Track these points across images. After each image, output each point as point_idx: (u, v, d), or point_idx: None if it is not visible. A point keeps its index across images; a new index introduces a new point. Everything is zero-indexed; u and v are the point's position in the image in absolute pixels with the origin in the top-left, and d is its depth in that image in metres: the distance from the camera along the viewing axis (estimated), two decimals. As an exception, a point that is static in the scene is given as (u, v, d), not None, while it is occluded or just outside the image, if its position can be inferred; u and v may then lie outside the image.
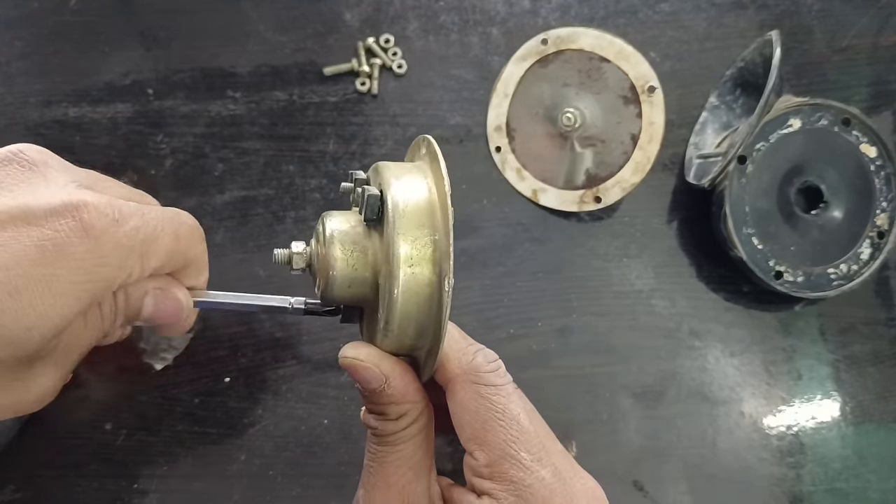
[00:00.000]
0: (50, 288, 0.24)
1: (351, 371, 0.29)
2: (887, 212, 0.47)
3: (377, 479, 0.29)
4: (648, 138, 0.46)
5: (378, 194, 0.28)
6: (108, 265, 0.26)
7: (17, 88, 0.52)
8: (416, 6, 0.53)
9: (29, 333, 0.24)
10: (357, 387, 0.30)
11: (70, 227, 0.25)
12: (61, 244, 0.25)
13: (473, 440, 0.28)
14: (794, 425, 0.48)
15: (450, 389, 0.29)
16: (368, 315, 0.32)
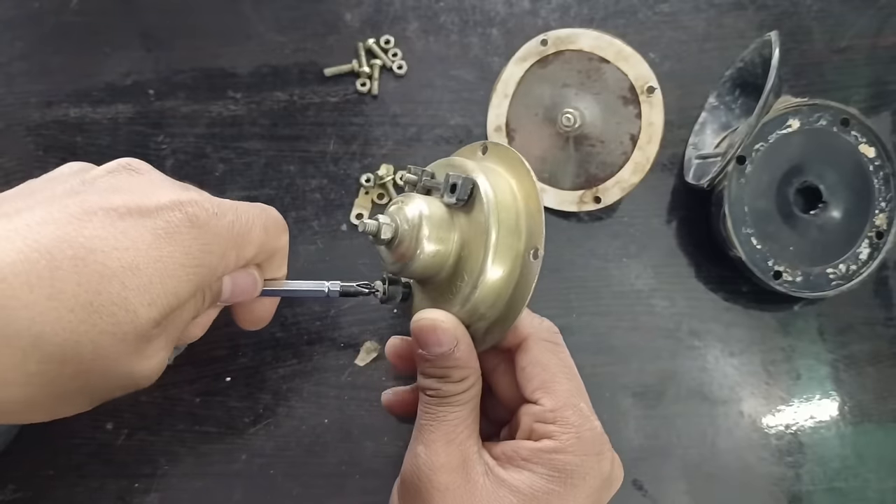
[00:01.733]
0: (165, 268, 0.27)
1: (427, 333, 0.32)
2: (886, 212, 0.47)
3: (437, 435, 0.32)
4: (648, 138, 0.46)
5: (473, 179, 0.33)
6: (211, 252, 0.30)
7: (18, 89, 0.52)
8: (417, 7, 0.54)
9: (150, 309, 0.27)
10: (420, 352, 0.32)
11: (178, 218, 0.28)
12: (172, 232, 0.28)
13: (541, 389, 0.33)
14: (793, 425, 0.49)
15: (523, 347, 0.34)
16: (434, 289, 0.35)
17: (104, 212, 0.27)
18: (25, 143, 0.51)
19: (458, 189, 0.33)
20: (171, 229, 0.28)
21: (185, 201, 0.29)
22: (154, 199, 0.29)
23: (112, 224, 0.27)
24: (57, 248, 0.25)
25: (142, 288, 0.27)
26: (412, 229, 0.33)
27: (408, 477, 0.32)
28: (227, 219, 0.31)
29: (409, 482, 0.32)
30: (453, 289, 0.33)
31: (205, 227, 0.29)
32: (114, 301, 0.26)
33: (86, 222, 0.26)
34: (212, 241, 0.30)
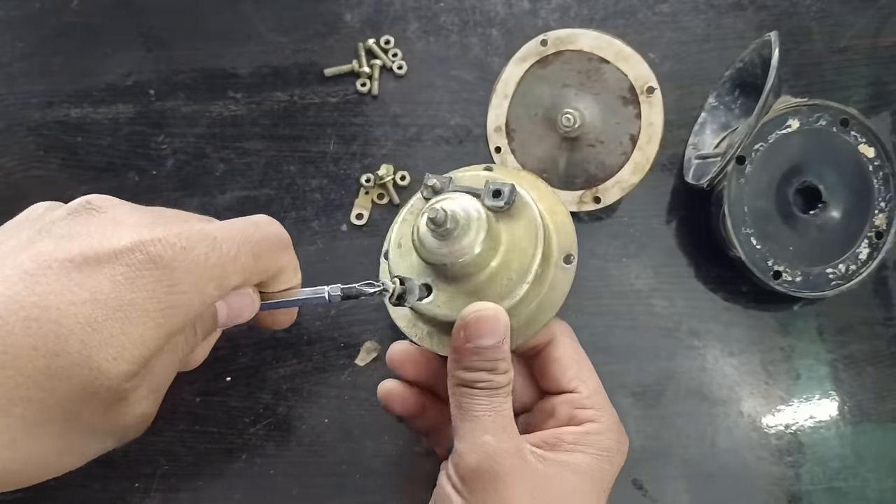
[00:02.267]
0: (128, 318, 0.26)
1: (488, 323, 0.33)
2: (885, 212, 0.47)
3: (498, 424, 0.33)
4: (647, 139, 0.47)
5: (513, 186, 0.36)
6: (181, 291, 0.28)
7: (19, 89, 0.52)
8: (417, 7, 0.54)
9: (116, 363, 0.26)
10: (469, 345, 0.33)
11: (139, 261, 0.27)
12: (132, 277, 0.26)
13: (577, 379, 0.36)
14: (792, 424, 0.49)
15: (554, 343, 0.37)
16: (469, 287, 0.35)
17: (59, 263, 0.25)
18: (26, 143, 0.51)
19: (503, 194, 0.35)
20: (131, 274, 0.26)
21: (147, 240, 0.27)
22: (114, 241, 0.27)
23: (67, 276, 0.25)
24: (8, 311, 0.24)
25: (103, 343, 0.25)
26: (472, 222, 0.34)
27: (477, 465, 0.32)
28: (197, 252, 0.28)
29: (480, 470, 0.32)
30: (495, 287, 0.35)
31: (170, 265, 0.27)
32: (74, 362, 0.25)
33: (39, 277, 0.25)
34: (181, 279, 0.27)
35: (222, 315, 0.32)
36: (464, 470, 0.32)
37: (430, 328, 0.38)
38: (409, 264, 0.37)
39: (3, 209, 0.50)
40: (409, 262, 0.37)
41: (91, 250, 0.26)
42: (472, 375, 0.33)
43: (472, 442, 0.32)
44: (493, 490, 0.32)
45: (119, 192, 0.50)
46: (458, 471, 0.33)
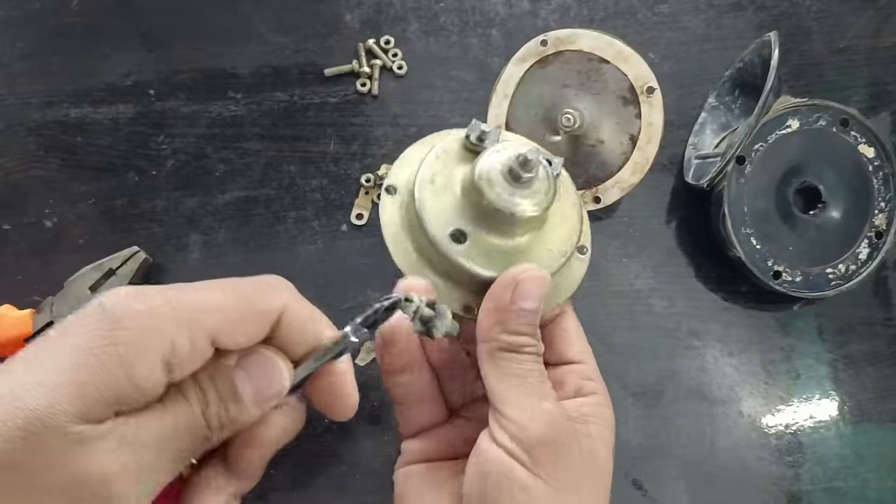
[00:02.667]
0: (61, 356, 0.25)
1: (536, 284, 0.31)
2: (885, 212, 0.47)
3: (548, 390, 0.31)
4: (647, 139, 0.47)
5: (562, 160, 0.35)
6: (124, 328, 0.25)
7: (19, 89, 0.52)
8: (417, 8, 0.54)
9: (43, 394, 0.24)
10: (517, 306, 0.31)
11: (91, 312, 0.25)
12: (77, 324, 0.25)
13: (583, 352, 0.35)
14: (792, 424, 0.49)
15: (565, 316, 0.36)
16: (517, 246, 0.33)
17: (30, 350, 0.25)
18: (26, 143, 0.51)
19: (554, 165, 0.34)
20: (77, 323, 0.25)
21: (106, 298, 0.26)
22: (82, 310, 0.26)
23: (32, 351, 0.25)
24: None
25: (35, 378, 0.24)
26: (549, 177, 0.32)
27: (542, 435, 0.29)
28: (156, 296, 0.26)
29: (546, 440, 0.29)
30: (534, 254, 0.33)
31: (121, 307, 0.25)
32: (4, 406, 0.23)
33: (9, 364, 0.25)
34: (131, 317, 0.25)
35: (244, 390, 0.28)
36: (527, 441, 0.29)
37: (441, 280, 0.33)
38: (443, 204, 0.32)
39: (3, 209, 0.51)
40: (443, 201, 0.32)
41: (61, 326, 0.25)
42: (519, 340, 0.31)
43: (533, 410, 0.30)
44: (557, 461, 0.30)
45: (119, 192, 0.51)
46: (520, 442, 0.29)
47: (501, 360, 0.31)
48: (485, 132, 0.33)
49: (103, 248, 0.48)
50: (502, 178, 0.31)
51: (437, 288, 0.32)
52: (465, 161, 0.33)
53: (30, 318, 0.46)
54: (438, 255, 0.31)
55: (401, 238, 0.33)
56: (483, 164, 0.31)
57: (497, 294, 0.31)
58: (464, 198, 0.32)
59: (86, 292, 0.47)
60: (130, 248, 0.48)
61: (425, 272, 0.33)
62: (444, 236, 0.31)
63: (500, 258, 0.32)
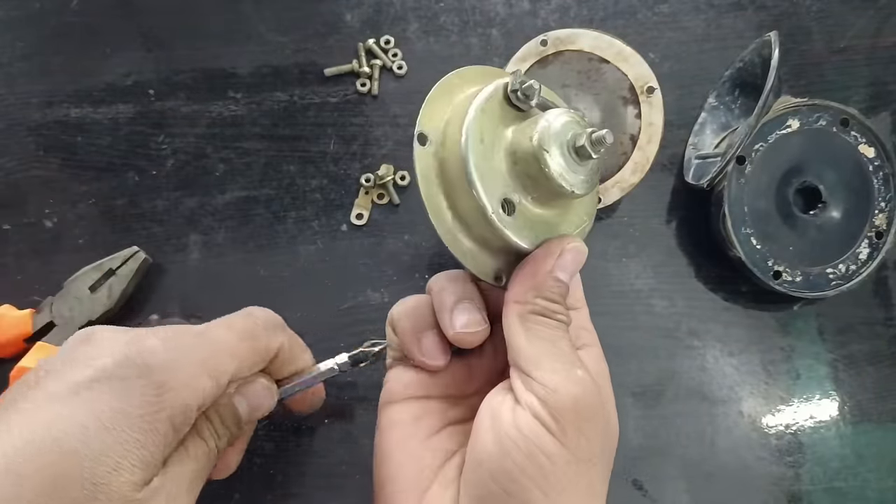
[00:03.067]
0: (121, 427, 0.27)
1: (578, 256, 0.31)
2: (885, 212, 0.47)
3: (577, 360, 0.30)
4: (647, 139, 0.47)
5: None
6: (170, 389, 0.29)
7: (19, 89, 0.52)
8: (417, 7, 0.54)
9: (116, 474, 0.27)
10: (554, 275, 0.30)
11: (128, 373, 0.29)
12: (123, 389, 0.28)
13: (580, 300, 0.35)
14: (792, 424, 0.49)
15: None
16: (558, 216, 0.32)
17: (60, 394, 0.28)
18: (26, 143, 0.51)
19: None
20: (121, 386, 0.28)
21: (135, 353, 0.29)
22: (106, 360, 0.29)
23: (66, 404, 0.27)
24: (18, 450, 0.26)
25: (99, 455, 0.26)
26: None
27: (574, 401, 0.28)
28: (181, 349, 0.31)
29: (578, 407, 0.28)
30: (571, 222, 0.32)
31: (156, 368, 0.29)
32: (72, 480, 0.26)
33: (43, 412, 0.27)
34: (168, 378, 0.29)
35: (243, 411, 0.33)
36: (558, 406, 0.28)
37: (476, 245, 0.31)
38: (492, 168, 0.29)
39: (3, 209, 0.51)
40: (492, 165, 0.29)
41: (83, 375, 0.28)
42: (554, 306, 0.30)
43: (567, 375, 0.29)
44: (584, 429, 0.29)
45: (119, 192, 0.51)
46: (549, 407, 0.28)
47: (534, 323, 0.30)
48: (532, 88, 0.30)
49: (103, 248, 0.48)
50: (567, 152, 0.29)
51: (469, 254, 0.31)
52: (508, 118, 0.31)
53: (29, 318, 0.46)
54: (482, 222, 0.29)
55: (435, 196, 0.30)
56: (546, 136, 0.28)
57: (538, 261, 0.30)
58: (514, 163, 0.30)
59: (86, 292, 0.47)
60: (130, 248, 0.48)
61: (459, 237, 0.30)
62: (496, 204, 0.29)
63: (541, 228, 0.31)
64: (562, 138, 0.29)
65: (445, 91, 0.32)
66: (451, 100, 0.32)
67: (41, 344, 0.45)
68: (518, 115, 0.31)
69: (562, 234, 0.31)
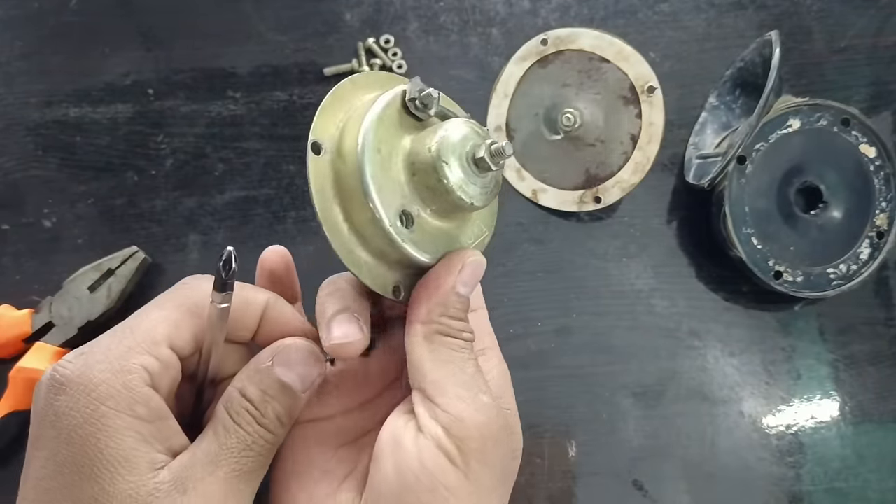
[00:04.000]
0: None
1: (479, 270, 0.30)
2: (886, 212, 0.47)
3: (484, 384, 0.29)
4: (648, 138, 0.46)
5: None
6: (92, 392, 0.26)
7: (18, 89, 0.52)
8: (417, 7, 0.54)
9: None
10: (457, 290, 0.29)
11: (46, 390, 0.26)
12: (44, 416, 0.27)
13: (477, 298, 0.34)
14: (793, 425, 0.49)
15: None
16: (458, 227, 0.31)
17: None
18: (25, 142, 0.51)
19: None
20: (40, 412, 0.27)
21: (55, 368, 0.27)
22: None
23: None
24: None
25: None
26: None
27: (478, 429, 0.27)
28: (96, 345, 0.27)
29: (481, 435, 0.27)
30: (469, 233, 0.31)
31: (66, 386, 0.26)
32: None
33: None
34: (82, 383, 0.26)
35: (292, 380, 0.29)
36: (462, 435, 0.27)
37: (373, 258, 0.30)
38: (391, 180, 0.28)
39: (2, 209, 0.50)
40: (391, 177, 0.28)
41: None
42: (458, 324, 0.29)
43: (473, 403, 0.27)
44: (487, 459, 0.27)
45: (118, 191, 0.50)
46: (453, 437, 0.27)
47: (440, 344, 0.29)
48: (430, 97, 0.29)
49: (102, 248, 0.48)
50: (466, 163, 0.28)
51: (365, 267, 0.29)
52: (406, 126, 0.29)
53: (28, 319, 0.46)
54: (379, 235, 0.28)
55: (331, 208, 0.29)
56: (445, 147, 0.27)
57: (441, 277, 0.29)
58: (412, 175, 0.28)
59: (85, 292, 0.46)
60: (129, 248, 0.47)
61: (356, 249, 0.29)
62: (394, 218, 0.28)
63: (441, 241, 0.30)
64: (461, 149, 0.28)
65: (340, 98, 0.31)
66: (347, 107, 0.30)
67: (40, 344, 0.45)
68: (416, 124, 0.30)
69: (461, 248, 0.30)
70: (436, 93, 0.29)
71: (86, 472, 0.24)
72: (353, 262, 0.29)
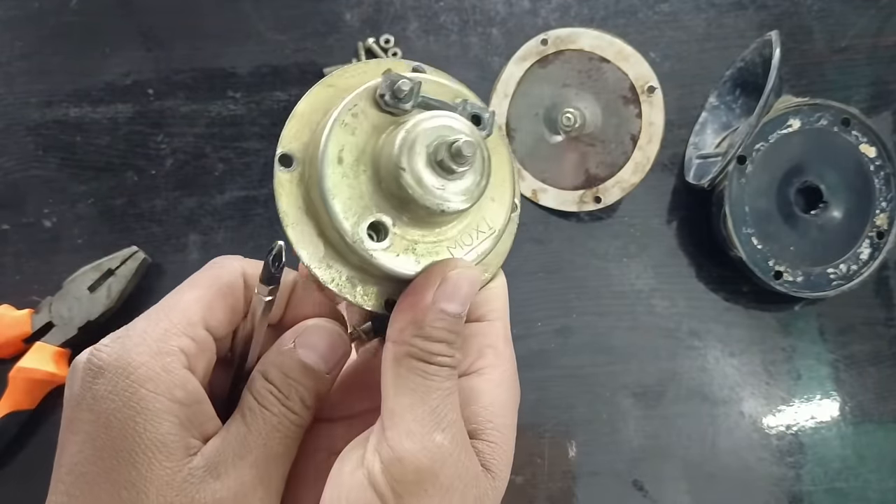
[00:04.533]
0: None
1: (465, 284, 0.26)
2: (886, 212, 0.47)
3: (452, 419, 0.26)
4: (648, 138, 0.46)
5: (493, 112, 0.28)
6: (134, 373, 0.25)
7: (18, 89, 0.52)
8: (417, 6, 0.53)
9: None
10: (437, 307, 0.26)
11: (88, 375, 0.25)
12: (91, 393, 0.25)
13: (495, 311, 0.30)
14: (793, 425, 0.49)
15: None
16: (443, 234, 0.27)
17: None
18: (25, 142, 0.51)
19: (483, 122, 0.27)
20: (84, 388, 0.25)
21: (91, 355, 0.26)
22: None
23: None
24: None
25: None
26: (479, 156, 0.25)
27: (419, 470, 0.25)
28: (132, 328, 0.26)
29: (424, 478, 0.25)
30: (464, 239, 0.27)
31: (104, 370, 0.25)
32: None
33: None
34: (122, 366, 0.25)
35: (313, 361, 0.27)
36: (399, 475, 0.24)
37: (357, 273, 0.27)
38: (355, 189, 0.26)
39: (2, 209, 0.50)
40: (355, 185, 0.26)
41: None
42: (434, 347, 0.26)
43: (421, 441, 0.25)
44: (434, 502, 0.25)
45: (118, 191, 0.50)
46: (390, 475, 0.24)
47: (406, 368, 0.26)
48: (401, 90, 0.26)
49: (102, 248, 0.48)
50: (429, 168, 0.25)
51: (349, 282, 0.27)
52: (379, 126, 0.26)
53: (28, 318, 0.46)
54: (351, 249, 0.26)
55: (304, 223, 0.27)
56: (404, 149, 0.24)
57: (416, 291, 0.26)
58: (381, 181, 0.26)
59: (85, 292, 0.46)
60: (129, 248, 0.47)
61: (336, 266, 0.27)
62: (360, 231, 0.25)
63: (425, 251, 0.26)
64: (426, 149, 0.25)
65: (317, 103, 0.28)
66: (328, 108, 0.27)
67: (40, 344, 0.45)
68: (393, 120, 0.26)
69: (445, 259, 0.26)
70: (410, 83, 0.26)
71: (124, 456, 0.24)
72: (333, 279, 0.27)
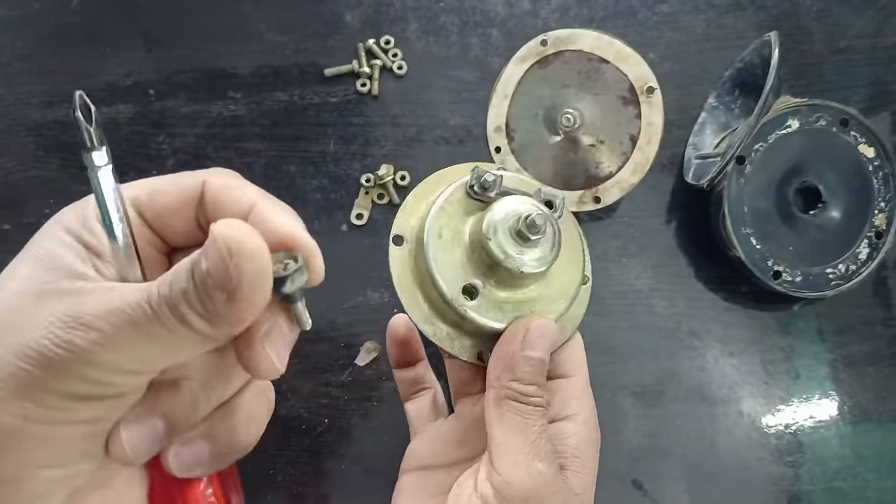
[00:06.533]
0: None
1: (547, 334, 0.32)
2: (885, 212, 0.47)
3: (548, 450, 0.31)
4: (647, 139, 0.47)
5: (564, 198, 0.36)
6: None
7: (19, 89, 0.52)
8: (417, 7, 0.54)
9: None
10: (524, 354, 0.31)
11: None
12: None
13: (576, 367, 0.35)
14: (792, 424, 0.49)
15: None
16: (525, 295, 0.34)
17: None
18: (26, 143, 0.51)
19: (556, 206, 0.35)
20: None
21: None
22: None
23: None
24: None
25: None
26: (549, 230, 0.32)
27: (525, 495, 0.29)
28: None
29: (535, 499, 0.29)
30: (542, 301, 0.33)
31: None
32: None
33: None
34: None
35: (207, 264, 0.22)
36: (510, 495, 0.29)
37: (453, 329, 0.34)
38: (453, 259, 0.33)
39: (3, 209, 0.51)
40: (453, 255, 0.33)
41: None
42: (526, 388, 0.31)
43: (526, 468, 0.30)
44: None
45: (119, 192, 0.51)
46: (501, 497, 0.29)
47: (507, 408, 0.31)
48: (487, 181, 0.34)
49: (103, 248, 0.48)
50: (510, 238, 0.32)
51: (448, 337, 0.34)
52: (470, 211, 0.34)
53: (30, 318, 0.46)
54: (449, 308, 0.32)
55: (411, 289, 0.34)
56: (490, 224, 0.32)
57: (507, 341, 0.32)
58: (473, 252, 0.33)
59: (86, 292, 0.46)
60: (130, 248, 0.48)
61: (436, 322, 0.34)
62: (457, 292, 0.32)
63: (510, 309, 0.33)
64: (504, 224, 0.32)
65: (421, 197, 0.36)
66: (427, 201, 0.35)
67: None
68: (482, 206, 0.34)
69: (529, 314, 0.33)
70: (494, 176, 0.34)
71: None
72: (435, 334, 0.34)
